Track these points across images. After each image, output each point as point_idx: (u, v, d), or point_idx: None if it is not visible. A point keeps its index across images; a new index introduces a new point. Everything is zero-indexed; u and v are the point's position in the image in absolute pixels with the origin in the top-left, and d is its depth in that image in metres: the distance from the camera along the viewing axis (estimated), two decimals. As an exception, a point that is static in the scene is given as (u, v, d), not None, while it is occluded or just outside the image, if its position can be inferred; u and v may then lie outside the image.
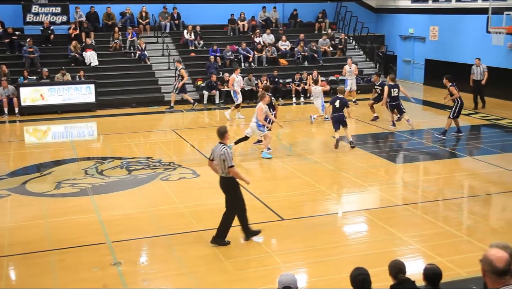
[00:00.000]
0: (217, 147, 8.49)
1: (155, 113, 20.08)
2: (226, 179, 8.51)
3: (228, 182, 8.53)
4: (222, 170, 8.44)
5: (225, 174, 8.47)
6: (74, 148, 15.17)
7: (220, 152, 8.36)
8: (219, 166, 8.46)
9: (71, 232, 9.30)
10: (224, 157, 8.31)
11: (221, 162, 8.38)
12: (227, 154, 8.31)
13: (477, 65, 20.03)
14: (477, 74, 19.96)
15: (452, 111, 15.23)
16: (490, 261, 3.75)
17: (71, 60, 21.84)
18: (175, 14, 25.08)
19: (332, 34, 26.22)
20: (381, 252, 8.35)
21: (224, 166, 8.36)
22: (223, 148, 8.38)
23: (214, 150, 8.55)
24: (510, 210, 10.64)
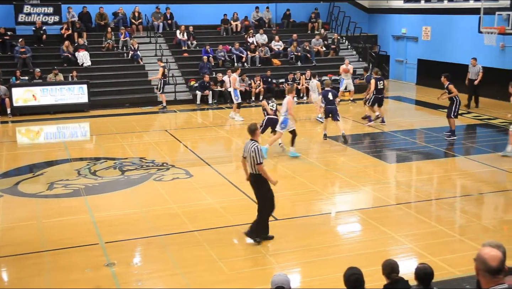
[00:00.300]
0: (248, 144, 8.57)
1: (148, 114, 20.04)
2: (255, 176, 8.57)
3: (257, 179, 8.58)
4: (252, 166, 8.50)
5: (254, 171, 8.52)
6: (67, 148, 15.12)
7: (251, 149, 8.43)
8: (250, 163, 8.52)
9: (64, 233, 9.27)
10: (254, 153, 8.39)
11: (251, 159, 8.45)
12: (257, 150, 8.41)
13: (473, 65, 20.18)
14: (472, 74, 20.12)
15: (452, 111, 15.13)
16: (484, 260, 3.77)
17: (64, 61, 21.75)
18: (168, 14, 25.04)
19: (325, 34, 26.26)
20: (374, 251, 8.37)
21: (254, 163, 8.42)
22: (253, 145, 8.47)
23: (245, 147, 8.63)
24: (502, 209, 10.71)
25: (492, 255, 3.77)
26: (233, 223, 9.55)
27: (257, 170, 8.46)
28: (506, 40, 20.70)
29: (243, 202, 10.64)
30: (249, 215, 9.84)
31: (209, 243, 8.74)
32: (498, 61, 21.38)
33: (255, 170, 8.49)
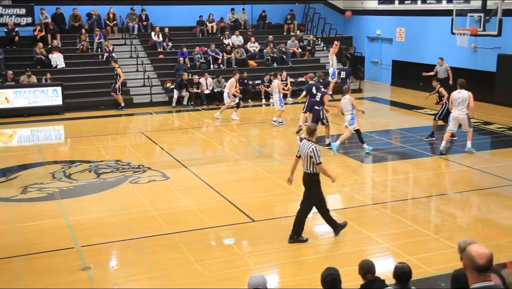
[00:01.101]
0: (305, 144, 8.63)
1: (123, 116, 19.88)
2: (310, 175, 8.63)
3: (312, 178, 8.64)
4: (307, 166, 8.58)
5: (310, 170, 8.58)
6: (41, 151, 14.91)
7: (308, 149, 8.49)
8: (305, 162, 8.60)
9: (39, 237, 9.14)
10: (312, 153, 8.46)
11: (307, 159, 8.52)
12: (315, 151, 8.48)
13: (440, 64, 20.66)
14: (440, 73, 20.58)
15: (438, 114, 15.29)
16: (472, 257, 3.79)
17: (37, 63, 21.46)
18: (143, 15, 24.88)
19: (301, 36, 26.38)
20: (351, 251, 8.44)
21: (310, 163, 8.50)
22: (311, 145, 8.52)
23: (301, 147, 8.71)
24: (477, 208, 10.87)
25: (480, 253, 3.79)
26: (210, 225, 9.52)
27: (314, 170, 8.56)
28: (478, 41, 21.05)
29: (220, 203, 10.62)
30: (226, 217, 9.85)
31: (186, 245, 8.70)
32: (470, 62, 21.73)
33: (311, 169, 8.57)
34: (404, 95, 23.23)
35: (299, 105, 21.45)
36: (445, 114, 14.97)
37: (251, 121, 19.38)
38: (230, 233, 9.33)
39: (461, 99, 13.61)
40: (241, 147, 15.52)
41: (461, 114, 13.70)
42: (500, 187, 11.66)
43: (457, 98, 13.67)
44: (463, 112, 13.67)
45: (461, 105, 13.64)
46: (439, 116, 15.23)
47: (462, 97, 13.61)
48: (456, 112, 13.75)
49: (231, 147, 15.62)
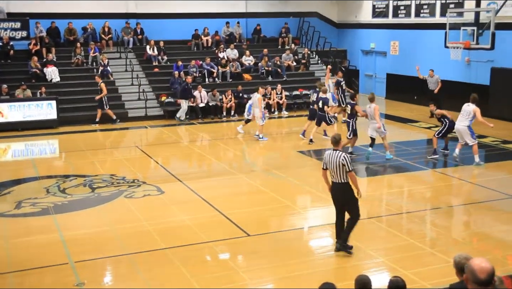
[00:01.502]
0: (332, 154, 8.57)
1: (118, 130, 19.86)
2: (344, 184, 8.58)
3: (346, 186, 8.60)
4: (340, 175, 8.52)
5: (343, 180, 8.54)
6: (35, 166, 14.85)
7: (339, 158, 8.46)
8: (336, 172, 8.54)
9: (32, 253, 9.07)
10: (344, 161, 8.44)
11: (339, 168, 8.47)
12: (347, 158, 8.49)
13: (431, 76, 20.82)
14: (431, 84, 20.78)
15: (439, 131, 14.93)
16: (473, 271, 3.79)
17: (32, 76, 21.45)
18: (138, 29, 24.95)
19: (295, 49, 26.49)
20: (347, 266, 8.41)
21: (343, 171, 8.47)
22: (341, 154, 8.51)
23: (328, 158, 8.62)
24: (472, 221, 10.87)
25: (482, 267, 3.80)
26: (205, 240, 9.48)
27: (345, 178, 8.51)
28: (471, 55, 21.19)
29: (215, 218, 10.59)
30: (221, 231, 9.82)
31: (180, 260, 8.65)
32: (464, 75, 21.86)
33: (343, 178, 8.53)
34: (398, 108, 23.30)
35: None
36: (444, 132, 14.80)
37: (245, 135, 19.38)
38: (225, 247, 9.29)
39: (466, 112, 13.90)
40: (236, 161, 15.51)
41: (461, 127, 13.95)
42: (495, 201, 11.67)
43: (463, 110, 14.03)
44: (464, 125, 13.89)
45: (464, 118, 13.92)
46: (438, 133, 14.97)
47: (468, 110, 13.87)
48: (458, 124, 14.09)
49: (226, 160, 15.60)
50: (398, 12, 25.44)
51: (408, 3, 24.78)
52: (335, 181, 8.64)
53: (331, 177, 8.66)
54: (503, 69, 20.11)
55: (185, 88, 21.07)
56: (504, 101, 19.84)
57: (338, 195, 8.72)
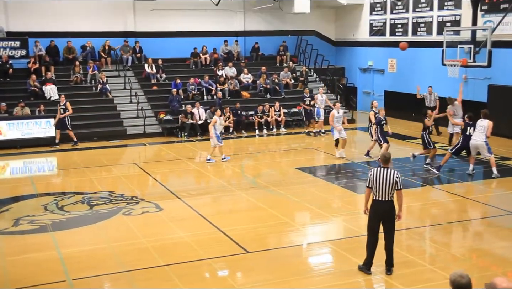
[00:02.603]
0: (384, 172, 8.45)
1: (116, 147, 19.86)
2: (391, 202, 8.52)
3: (392, 205, 8.54)
4: (389, 193, 8.44)
5: (390, 198, 8.48)
6: (33, 183, 14.83)
7: (394, 176, 8.41)
8: (387, 191, 8.41)
9: (30, 271, 9.01)
10: (398, 179, 8.42)
11: (390, 186, 8.38)
12: (399, 177, 8.49)
13: (430, 93, 20.92)
14: (429, 102, 20.82)
15: (452, 146, 15.40)
16: None
17: (31, 95, 21.51)
18: (137, 48, 25.09)
19: (293, 67, 26.63)
20: (346, 282, 8.37)
21: (393, 189, 8.42)
22: (393, 171, 8.48)
23: (379, 175, 8.44)
24: (471, 238, 10.85)
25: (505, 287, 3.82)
26: (204, 257, 9.44)
27: (392, 196, 8.45)
28: (468, 72, 21.31)
29: (213, 235, 10.55)
30: (220, 248, 9.77)
31: (179, 277, 8.60)
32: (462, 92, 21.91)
33: (392, 196, 8.46)
34: (396, 125, 23.34)
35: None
36: (459, 148, 14.85)
37: (244, 152, 19.40)
38: (224, 264, 9.24)
39: (481, 127, 14.35)
40: (235, 178, 15.50)
41: (479, 142, 14.35)
42: (495, 217, 11.66)
43: (478, 126, 14.44)
44: (482, 140, 14.31)
45: (480, 133, 14.35)
46: (452, 149, 15.06)
47: (483, 125, 14.35)
48: (475, 140, 14.40)
49: (224, 177, 15.59)
50: (396, 30, 25.63)
51: (405, 21, 24.98)
52: (382, 199, 8.46)
53: (376, 196, 8.47)
54: (500, 86, 20.21)
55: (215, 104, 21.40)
56: (501, 118, 19.87)
57: (384, 214, 8.53)
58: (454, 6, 22.34)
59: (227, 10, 27.03)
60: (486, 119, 14.42)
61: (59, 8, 24.29)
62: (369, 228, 8.65)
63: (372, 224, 8.59)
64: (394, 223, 8.63)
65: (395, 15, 25.52)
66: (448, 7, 22.64)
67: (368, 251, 8.65)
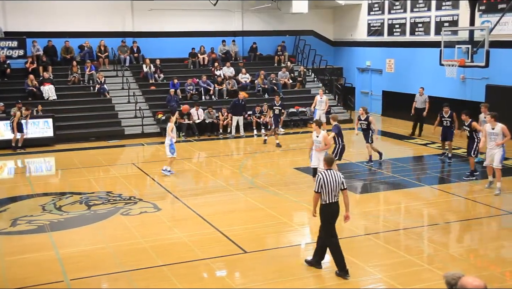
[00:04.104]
0: (331, 174, 8.51)
1: (115, 147, 19.85)
2: (338, 203, 8.63)
3: (339, 205, 8.65)
4: (337, 194, 8.54)
5: (337, 199, 8.58)
6: (31, 183, 14.81)
7: (339, 177, 8.52)
8: (334, 192, 8.49)
9: (28, 271, 9.00)
10: (343, 179, 8.58)
11: (337, 187, 8.50)
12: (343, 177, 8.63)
13: (420, 94, 20.91)
14: (419, 103, 20.84)
15: (473, 149, 14.25)
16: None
17: (29, 95, 21.48)
18: (134, 48, 25.07)
19: (291, 67, 26.63)
20: (344, 282, 8.37)
21: (338, 189, 8.53)
22: (338, 173, 8.60)
23: (327, 179, 8.44)
24: (469, 238, 10.86)
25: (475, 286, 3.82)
26: (202, 257, 9.44)
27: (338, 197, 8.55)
28: (466, 72, 21.34)
29: (212, 235, 10.55)
30: (218, 248, 9.77)
31: (177, 277, 8.60)
32: (459, 92, 21.99)
33: (338, 197, 8.55)
34: (394, 125, 23.39)
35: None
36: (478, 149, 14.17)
37: (242, 152, 19.40)
38: (222, 264, 9.24)
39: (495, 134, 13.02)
40: (233, 178, 15.50)
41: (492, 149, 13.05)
42: (493, 217, 11.68)
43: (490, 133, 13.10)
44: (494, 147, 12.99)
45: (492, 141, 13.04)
46: (473, 153, 14.28)
47: (496, 132, 13.00)
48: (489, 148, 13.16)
49: (222, 177, 15.59)
50: (393, 31, 25.64)
51: (403, 22, 25.00)
52: (332, 201, 8.53)
53: (328, 198, 8.50)
54: (498, 86, 20.23)
55: (235, 104, 21.40)
56: (499, 118, 19.88)
57: (335, 215, 8.64)
58: (452, 6, 22.37)
59: (225, 10, 27.02)
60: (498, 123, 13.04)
61: (57, 8, 24.26)
62: (327, 232, 8.69)
63: (330, 227, 8.65)
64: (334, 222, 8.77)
65: (393, 15, 25.54)
66: (446, 7, 22.67)
67: (338, 256, 8.65)
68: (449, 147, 16.59)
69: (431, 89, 22.17)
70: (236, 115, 21.33)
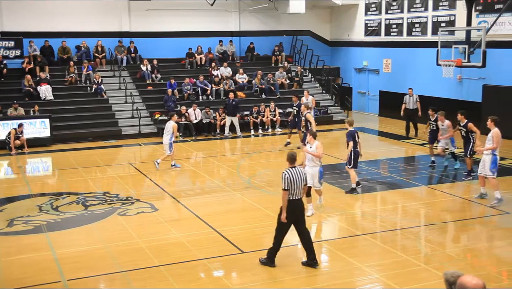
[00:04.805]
0: (295, 172, 8.66)
1: (112, 147, 19.83)
2: (301, 200, 8.79)
3: (303, 202, 8.80)
4: (301, 191, 8.69)
5: (301, 196, 8.73)
6: (28, 183, 14.79)
7: (303, 173, 8.68)
8: (300, 188, 8.65)
9: (24, 271, 8.99)
10: (306, 176, 8.74)
11: (302, 183, 8.66)
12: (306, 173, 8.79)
13: (410, 94, 20.91)
14: (409, 104, 20.83)
15: (469, 150, 14.06)
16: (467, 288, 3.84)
17: (25, 95, 21.46)
18: (131, 48, 25.06)
19: (289, 67, 26.64)
20: (341, 282, 8.38)
21: (302, 186, 8.66)
22: (302, 169, 8.76)
23: (293, 176, 8.60)
24: (465, 237, 10.87)
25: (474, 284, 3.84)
26: (199, 257, 9.44)
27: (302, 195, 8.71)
28: (463, 72, 21.38)
29: (209, 235, 10.55)
30: (215, 248, 9.77)
31: (175, 277, 8.60)
32: (456, 92, 22.04)
33: (301, 194, 8.71)
34: (391, 125, 23.42)
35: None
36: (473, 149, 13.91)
37: (239, 152, 19.40)
38: (219, 264, 9.24)
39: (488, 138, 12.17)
40: (230, 178, 15.50)
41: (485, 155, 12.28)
42: (489, 216, 11.70)
43: None
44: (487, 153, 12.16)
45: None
46: (469, 153, 14.10)
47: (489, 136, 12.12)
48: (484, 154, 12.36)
49: (220, 177, 15.59)
50: (390, 31, 25.68)
51: (400, 22, 25.04)
52: (296, 198, 8.68)
53: (293, 195, 8.65)
54: (494, 86, 20.28)
55: (226, 104, 21.47)
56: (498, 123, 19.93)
57: (300, 211, 8.79)
58: (448, 7, 22.41)
59: (222, 10, 27.03)
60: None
61: (54, 8, 24.24)
62: (282, 228, 8.84)
63: (288, 222, 8.77)
64: (304, 219, 8.92)
65: (390, 15, 25.57)
66: (443, 7, 22.71)
67: (277, 246, 8.92)
68: None
69: (428, 89, 22.23)
70: (230, 116, 21.31)
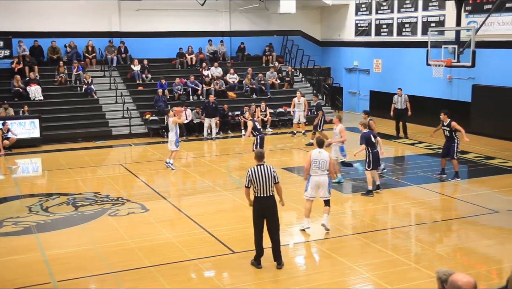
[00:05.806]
0: (260, 169, 8.75)
1: (102, 148, 19.75)
2: (273, 197, 8.82)
3: (274, 200, 8.84)
4: (270, 188, 8.72)
5: (270, 193, 8.76)
6: (17, 184, 14.69)
7: (270, 171, 8.75)
8: (266, 186, 8.69)
9: (14, 273, 8.93)
10: (275, 174, 8.77)
11: (270, 181, 8.70)
12: (276, 171, 8.86)
13: (399, 94, 20.91)
14: (399, 104, 20.83)
15: (455, 151, 14.29)
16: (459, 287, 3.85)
17: (15, 95, 21.32)
18: (122, 48, 24.97)
19: (279, 67, 26.66)
20: (332, 282, 8.40)
21: (271, 184, 8.71)
22: (270, 167, 8.82)
23: (258, 174, 8.72)
24: (455, 237, 10.93)
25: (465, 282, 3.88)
26: (190, 257, 9.43)
27: (272, 191, 8.78)
28: (452, 72, 21.49)
29: (200, 235, 10.54)
30: (206, 249, 9.76)
31: (165, 278, 8.59)
32: (446, 92, 22.14)
33: (271, 191, 8.74)
34: (382, 125, 23.44)
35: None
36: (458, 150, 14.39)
37: (230, 152, 19.39)
38: (211, 265, 9.23)
39: None
40: (221, 178, 15.48)
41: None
42: (479, 216, 11.77)
43: None
44: None
45: None
46: (456, 155, 14.34)
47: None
48: None
49: (210, 178, 15.56)
50: (381, 31, 25.76)
51: (390, 22, 25.13)
52: (263, 195, 8.73)
53: (259, 193, 8.74)
54: (484, 86, 20.39)
55: (205, 106, 21.33)
56: (485, 118, 20.10)
57: (268, 209, 8.80)
58: (438, 7, 22.52)
59: (212, 10, 27.00)
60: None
61: (43, 8, 24.10)
62: (255, 224, 8.93)
63: (257, 220, 8.87)
64: (278, 216, 8.93)
65: (380, 16, 25.65)
66: (433, 8, 22.82)
67: (257, 247, 8.95)
68: None
69: (418, 89, 22.31)
70: (209, 117, 21.22)
